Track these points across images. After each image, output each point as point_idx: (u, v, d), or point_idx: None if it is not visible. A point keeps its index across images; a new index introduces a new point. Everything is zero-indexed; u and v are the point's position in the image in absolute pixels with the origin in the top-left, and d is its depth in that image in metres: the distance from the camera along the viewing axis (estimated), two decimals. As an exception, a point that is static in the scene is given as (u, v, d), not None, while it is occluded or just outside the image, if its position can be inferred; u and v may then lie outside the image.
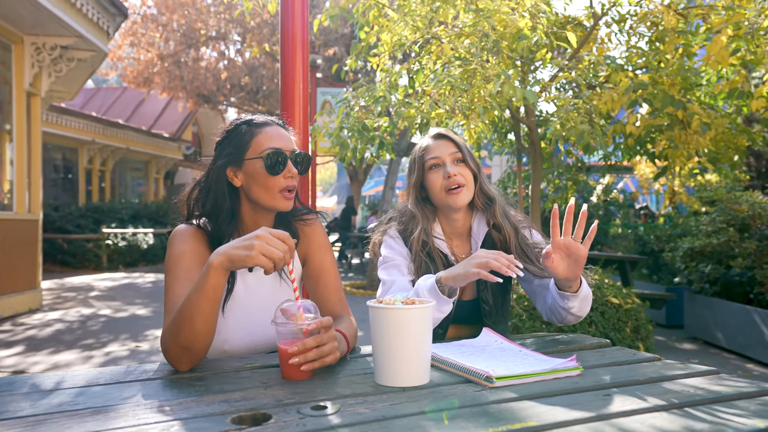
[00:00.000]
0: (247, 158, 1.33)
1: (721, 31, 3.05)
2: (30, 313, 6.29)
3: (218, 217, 1.33)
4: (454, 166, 1.59)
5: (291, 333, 1.07)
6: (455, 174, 1.57)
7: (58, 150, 13.35)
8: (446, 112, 3.27)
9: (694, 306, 5.35)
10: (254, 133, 1.34)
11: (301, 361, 1.03)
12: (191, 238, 1.31)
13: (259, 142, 1.33)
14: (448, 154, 1.60)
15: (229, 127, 1.39)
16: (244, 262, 1.05)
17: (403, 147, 8.62)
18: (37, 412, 0.90)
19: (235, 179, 1.35)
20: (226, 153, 1.35)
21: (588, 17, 3.90)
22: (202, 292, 1.08)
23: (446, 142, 1.63)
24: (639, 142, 4.09)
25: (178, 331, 1.11)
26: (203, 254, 1.31)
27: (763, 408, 0.90)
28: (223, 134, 1.39)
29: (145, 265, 12.10)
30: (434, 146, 1.63)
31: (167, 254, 1.30)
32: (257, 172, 1.32)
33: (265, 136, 1.34)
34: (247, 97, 12.78)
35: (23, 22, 6.04)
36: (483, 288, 1.59)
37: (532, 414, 0.87)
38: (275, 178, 1.31)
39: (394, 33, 3.52)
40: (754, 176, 8.27)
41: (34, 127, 6.67)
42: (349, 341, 1.26)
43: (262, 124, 1.37)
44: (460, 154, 1.61)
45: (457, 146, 1.62)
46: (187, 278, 1.25)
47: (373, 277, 7.86)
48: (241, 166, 1.34)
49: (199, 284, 1.09)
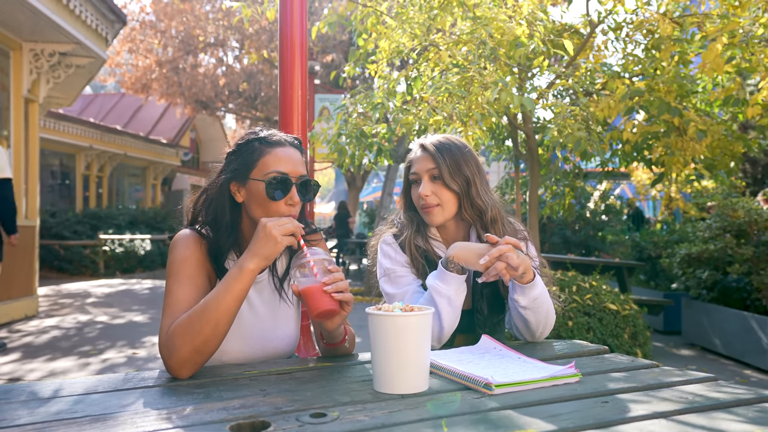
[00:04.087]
0: (251, 177, 1.29)
1: (717, 39, 3.07)
2: (26, 319, 6.26)
3: (218, 230, 1.32)
4: (428, 184, 1.54)
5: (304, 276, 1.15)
6: (426, 195, 1.53)
7: (55, 156, 13.33)
8: (444, 118, 3.28)
9: (692, 312, 5.36)
10: (263, 153, 1.30)
11: (333, 289, 1.11)
12: (194, 244, 1.30)
13: (266, 163, 1.28)
14: (425, 171, 1.56)
15: (241, 141, 1.35)
16: (276, 252, 1.16)
17: (401, 153, 8.64)
18: (35, 421, 0.90)
19: (238, 194, 1.33)
20: (232, 168, 1.32)
21: (585, 25, 3.93)
22: (235, 295, 1.13)
23: (425, 157, 1.57)
24: (636, 149, 4.10)
25: (196, 333, 1.12)
26: (204, 261, 1.30)
27: (760, 414, 0.91)
28: (234, 147, 1.36)
29: (143, 272, 12.06)
30: (415, 159, 1.60)
31: (170, 258, 1.29)
32: (259, 194, 1.28)
33: (274, 157, 1.29)
34: (245, 104, 12.80)
35: (22, 29, 6.05)
36: (479, 298, 1.58)
37: (531, 421, 0.87)
38: (276, 203, 1.28)
39: (392, 40, 3.54)
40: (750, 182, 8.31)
41: (31, 133, 6.67)
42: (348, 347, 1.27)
43: (274, 144, 1.31)
44: (436, 170, 1.54)
45: (435, 162, 1.54)
46: (191, 282, 1.25)
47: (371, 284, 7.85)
48: (245, 184, 1.31)
49: (233, 287, 1.13)
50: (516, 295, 1.44)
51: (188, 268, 1.26)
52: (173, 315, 1.20)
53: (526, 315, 1.46)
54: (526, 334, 1.53)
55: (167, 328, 1.18)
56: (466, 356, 1.25)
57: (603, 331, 3.49)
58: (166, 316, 1.21)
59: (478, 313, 1.58)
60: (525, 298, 1.43)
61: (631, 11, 3.69)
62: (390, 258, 1.58)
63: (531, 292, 1.43)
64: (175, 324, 1.16)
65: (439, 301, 1.42)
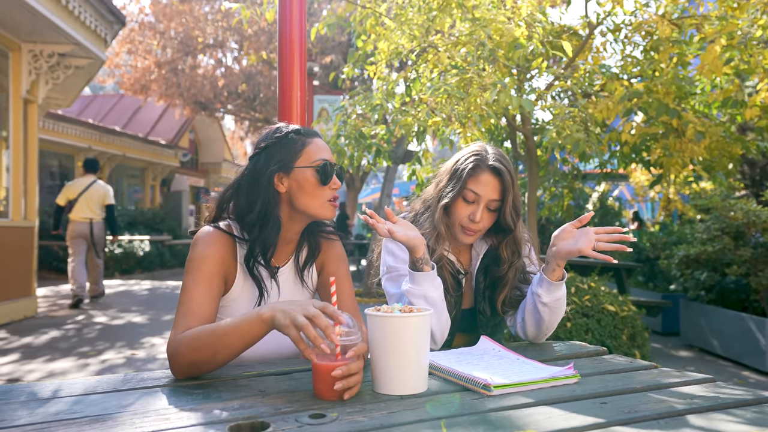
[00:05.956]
0: (297, 166, 1.34)
1: (715, 40, 3.08)
2: (25, 320, 6.25)
3: (266, 225, 1.33)
4: (485, 212, 1.51)
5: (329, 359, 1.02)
6: (478, 221, 1.50)
7: (54, 157, 13.31)
8: (443, 120, 3.29)
9: (690, 313, 5.37)
10: (305, 143, 1.36)
11: (344, 386, 0.99)
12: (217, 242, 1.31)
13: (311, 152, 1.36)
14: (488, 199, 1.49)
15: (277, 134, 1.38)
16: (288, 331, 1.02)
17: (400, 154, 8.64)
18: (35, 421, 0.90)
19: (280, 185, 1.36)
20: (277, 159, 1.34)
21: (583, 27, 3.94)
22: (241, 336, 1.09)
23: (495, 185, 1.49)
24: (634, 150, 4.11)
25: (197, 351, 1.12)
26: (227, 259, 1.32)
27: (759, 416, 0.91)
28: (272, 140, 1.37)
29: (141, 272, 12.04)
30: (482, 180, 1.49)
31: (190, 254, 1.30)
32: (307, 181, 1.34)
33: (316, 146, 1.37)
34: (244, 105, 12.80)
35: (21, 30, 6.05)
36: (481, 299, 1.59)
37: (530, 422, 0.87)
38: (324, 188, 1.35)
39: (391, 41, 3.55)
40: (748, 184, 8.32)
41: (30, 134, 6.66)
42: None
43: (311, 134, 1.39)
44: (499, 204, 1.50)
45: (502, 195, 1.49)
46: (208, 283, 1.26)
47: (370, 285, 7.84)
48: (290, 173, 1.35)
49: (242, 327, 1.09)
50: (541, 289, 1.43)
51: (208, 268, 1.27)
52: (186, 315, 1.21)
53: (542, 312, 1.45)
54: (532, 332, 1.51)
55: (180, 329, 1.19)
56: (465, 357, 1.25)
57: (601, 332, 3.50)
58: (180, 314, 1.22)
59: (480, 313, 1.58)
60: (550, 296, 1.43)
61: (630, 13, 3.70)
62: (394, 256, 1.56)
63: (557, 291, 1.43)
64: (186, 333, 1.16)
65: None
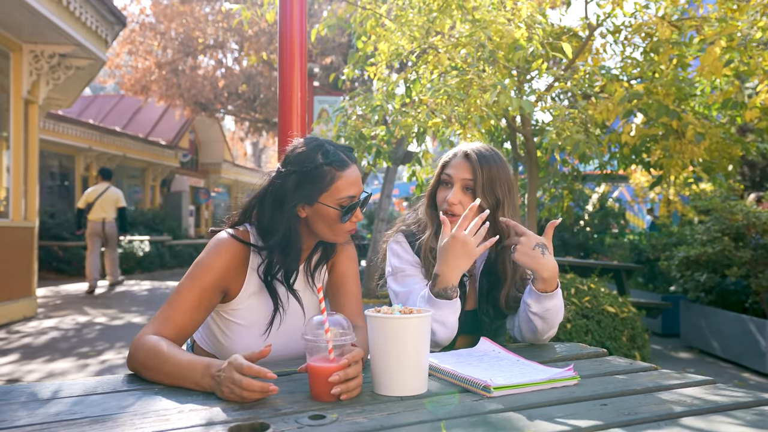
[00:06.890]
0: (321, 201, 1.31)
1: (715, 42, 3.08)
2: (25, 320, 6.24)
3: (288, 253, 1.32)
4: (459, 193, 1.51)
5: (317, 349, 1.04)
6: (454, 203, 1.50)
7: (54, 157, 13.31)
8: (443, 121, 3.29)
9: (690, 315, 5.37)
10: (335, 177, 1.31)
11: (342, 390, 0.99)
12: (228, 252, 1.32)
13: (338, 188, 1.31)
14: (460, 179, 1.52)
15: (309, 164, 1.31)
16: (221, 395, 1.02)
17: (400, 155, 8.64)
18: (35, 422, 0.90)
19: (302, 211, 1.34)
20: (304, 192, 1.31)
21: (583, 28, 3.94)
22: (181, 380, 1.09)
23: (464, 165, 1.52)
24: (634, 152, 4.11)
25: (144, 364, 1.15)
26: (235, 268, 1.33)
27: (759, 418, 0.91)
28: (303, 168, 1.31)
29: (141, 273, 12.04)
30: (453, 163, 1.55)
31: (200, 256, 1.31)
32: (328, 215, 1.32)
33: (345, 182, 1.31)
34: (244, 105, 12.80)
35: (21, 30, 6.05)
36: (484, 300, 1.59)
37: (529, 423, 0.87)
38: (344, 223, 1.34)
39: (392, 43, 3.55)
40: (748, 185, 8.32)
41: (31, 134, 6.66)
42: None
43: (343, 165, 1.32)
44: (471, 182, 1.51)
45: (473, 174, 1.50)
46: (200, 294, 1.26)
47: (370, 286, 7.84)
48: (313, 205, 1.32)
49: (178, 377, 1.09)
50: (530, 299, 1.43)
51: (206, 279, 1.28)
52: (166, 319, 1.22)
53: (534, 321, 1.46)
54: (529, 337, 1.52)
55: (152, 329, 1.21)
56: (464, 358, 1.25)
57: (601, 333, 3.49)
58: (161, 313, 1.23)
59: (483, 315, 1.58)
60: (539, 306, 1.43)
61: (630, 14, 3.70)
62: (399, 257, 1.58)
63: (546, 302, 1.42)
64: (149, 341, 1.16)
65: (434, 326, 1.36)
